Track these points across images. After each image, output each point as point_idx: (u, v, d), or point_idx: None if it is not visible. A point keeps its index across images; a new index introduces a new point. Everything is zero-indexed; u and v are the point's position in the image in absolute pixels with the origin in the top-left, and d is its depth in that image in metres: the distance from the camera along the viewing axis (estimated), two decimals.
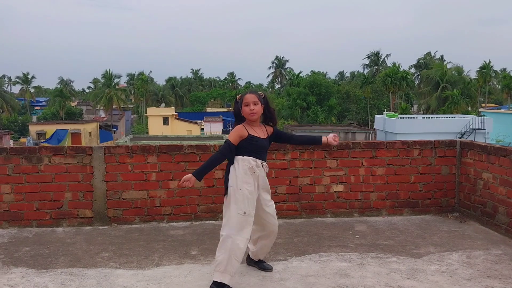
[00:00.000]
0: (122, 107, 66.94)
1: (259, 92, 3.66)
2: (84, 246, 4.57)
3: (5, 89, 73.02)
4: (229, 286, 3.41)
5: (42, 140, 46.29)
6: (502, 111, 47.67)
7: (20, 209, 5.18)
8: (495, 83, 77.26)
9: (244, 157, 3.52)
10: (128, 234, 4.93)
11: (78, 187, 5.24)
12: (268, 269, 3.90)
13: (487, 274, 3.81)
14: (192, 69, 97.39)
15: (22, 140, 51.16)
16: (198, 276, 3.78)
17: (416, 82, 69.38)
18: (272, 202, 3.75)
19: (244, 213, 3.43)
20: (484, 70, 61.78)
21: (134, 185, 5.31)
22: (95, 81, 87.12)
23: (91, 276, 3.78)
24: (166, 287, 3.56)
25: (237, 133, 3.53)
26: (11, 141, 44.79)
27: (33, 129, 51.33)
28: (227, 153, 3.52)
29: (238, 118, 3.65)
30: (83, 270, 3.91)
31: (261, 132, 3.64)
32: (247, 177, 3.48)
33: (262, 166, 3.60)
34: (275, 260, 4.12)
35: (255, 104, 3.54)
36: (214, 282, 3.40)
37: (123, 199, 5.31)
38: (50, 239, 4.78)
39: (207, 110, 71.86)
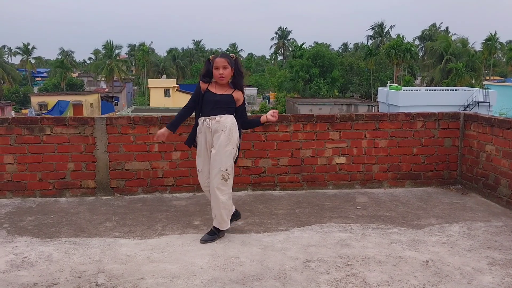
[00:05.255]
0: (123, 79, 66.54)
1: (231, 55, 3.85)
2: (88, 216, 4.60)
3: (6, 59, 72.51)
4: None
5: (44, 111, 46.24)
6: (506, 84, 47.17)
7: (23, 179, 5.20)
8: (500, 55, 76.32)
9: (199, 118, 3.89)
10: (131, 205, 4.97)
11: (81, 158, 5.25)
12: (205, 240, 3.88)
13: (487, 245, 3.83)
14: (194, 40, 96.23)
15: (24, 111, 51.09)
16: (201, 245, 3.82)
17: (420, 54, 68.58)
18: (216, 157, 3.77)
19: (198, 170, 3.96)
20: (490, 42, 60.92)
21: (136, 156, 5.32)
22: (96, 52, 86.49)
23: (94, 245, 3.82)
24: (169, 256, 3.61)
25: (197, 89, 3.90)
26: (13, 112, 44.80)
27: (35, 100, 51.20)
28: (190, 105, 3.94)
29: (208, 76, 3.85)
30: (87, 240, 3.96)
31: (221, 89, 3.82)
32: (197, 138, 3.90)
33: (206, 122, 3.80)
34: (276, 230, 4.16)
35: (224, 68, 3.74)
36: None
37: (126, 170, 5.32)
38: (53, 209, 4.82)
39: None
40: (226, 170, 3.77)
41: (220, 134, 3.75)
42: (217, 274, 3.29)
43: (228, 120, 3.79)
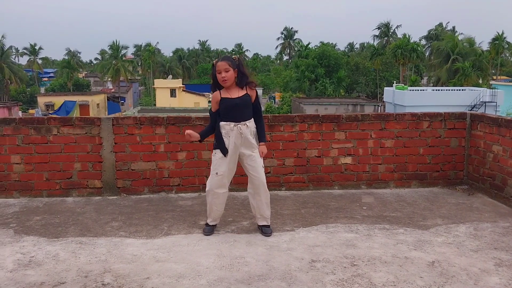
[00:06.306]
0: (129, 79, 66.80)
1: (233, 56, 3.90)
2: (94, 215, 4.63)
3: (13, 60, 72.88)
4: (210, 225, 4.12)
5: (50, 112, 46.50)
6: None
7: (30, 179, 5.24)
8: (507, 55, 75.78)
9: (221, 122, 3.90)
10: (137, 204, 4.99)
11: (87, 158, 5.28)
12: (265, 233, 4.05)
13: (494, 246, 3.81)
14: (200, 40, 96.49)
15: (31, 111, 51.34)
16: (207, 245, 3.83)
17: (427, 54, 68.28)
18: (256, 155, 3.96)
19: (217, 173, 3.94)
20: (497, 42, 60.47)
21: (142, 156, 5.34)
22: (102, 52, 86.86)
23: (101, 245, 3.84)
24: (175, 255, 3.62)
25: (213, 100, 3.95)
26: (20, 113, 45.01)
27: (42, 100, 51.46)
28: (213, 121, 3.97)
29: (215, 82, 3.89)
30: (93, 239, 3.98)
31: (235, 92, 3.88)
32: (220, 142, 3.90)
33: (237, 128, 3.87)
34: (282, 231, 4.16)
35: (226, 71, 3.79)
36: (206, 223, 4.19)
37: (132, 170, 5.35)
38: (60, 209, 4.84)
39: None
40: (264, 166, 4.03)
41: (250, 138, 3.93)
42: (223, 274, 3.29)
43: (253, 124, 4.00)
